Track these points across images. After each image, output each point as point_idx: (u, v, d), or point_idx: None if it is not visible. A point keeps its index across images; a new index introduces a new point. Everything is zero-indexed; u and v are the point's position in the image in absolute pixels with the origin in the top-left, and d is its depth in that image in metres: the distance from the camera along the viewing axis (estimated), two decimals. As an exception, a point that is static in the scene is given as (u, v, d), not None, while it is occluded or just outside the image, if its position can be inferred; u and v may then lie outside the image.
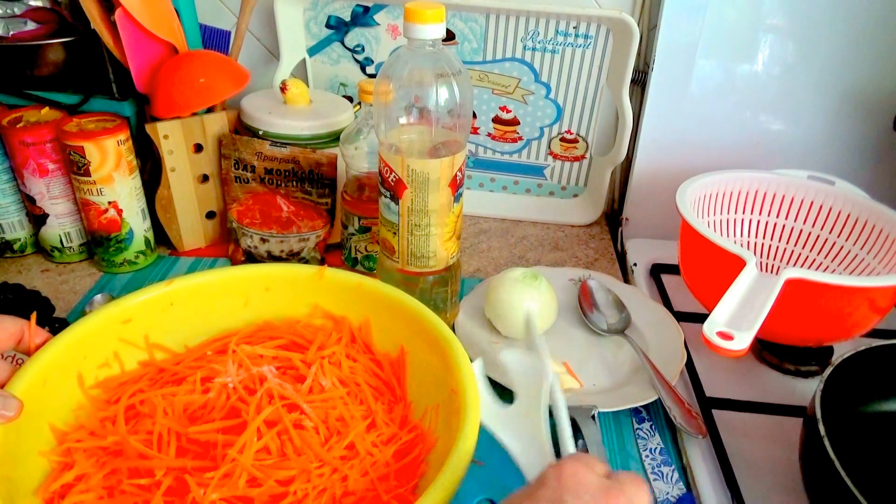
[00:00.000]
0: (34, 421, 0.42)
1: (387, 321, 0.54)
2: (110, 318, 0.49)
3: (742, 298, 0.51)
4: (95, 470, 0.43)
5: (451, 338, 0.49)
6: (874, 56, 0.74)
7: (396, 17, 0.82)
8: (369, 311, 0.55)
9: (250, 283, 0.55)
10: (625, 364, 0.63)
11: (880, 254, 0.65)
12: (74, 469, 0.42)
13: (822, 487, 0.45)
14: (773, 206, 0.72)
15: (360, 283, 0.55)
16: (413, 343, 0.52)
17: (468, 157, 0.90)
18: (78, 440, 0.44)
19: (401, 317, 0.53)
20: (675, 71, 0.78)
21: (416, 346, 0.52)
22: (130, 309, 0.50)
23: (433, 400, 0.48)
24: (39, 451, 0.43)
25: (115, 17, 0.66)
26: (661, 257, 0.79)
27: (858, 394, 0.52)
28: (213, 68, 0.72)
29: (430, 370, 0.50)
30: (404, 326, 0.53)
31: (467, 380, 0.44)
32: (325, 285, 0.56)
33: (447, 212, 0.58)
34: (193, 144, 0.73)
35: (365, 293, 0.55)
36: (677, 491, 0.52)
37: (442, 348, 0.48)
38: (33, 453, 0.42)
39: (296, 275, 0.56)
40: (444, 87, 0.53)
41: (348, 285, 0.55)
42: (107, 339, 0.49)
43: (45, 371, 0.44)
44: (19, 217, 0.74)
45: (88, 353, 0.48)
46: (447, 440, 0.43)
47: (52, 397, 0.45)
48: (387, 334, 0.54)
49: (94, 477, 0.42)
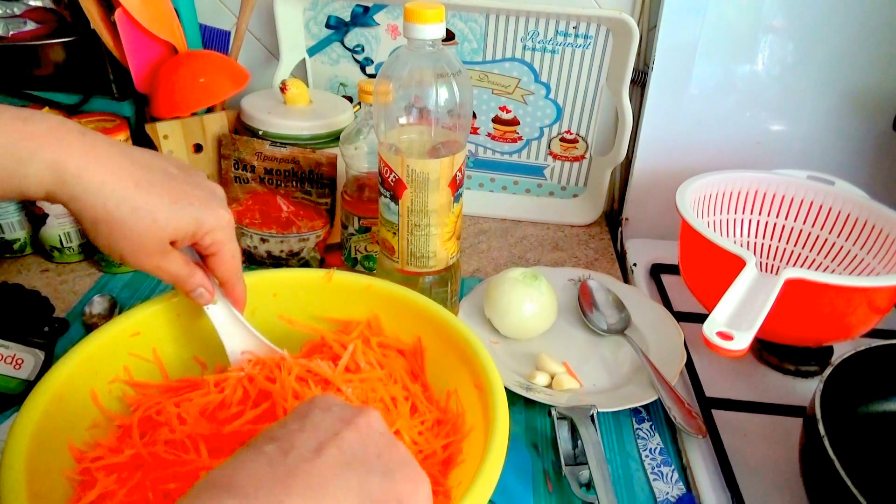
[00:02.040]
0: (54, 440, 0.42)
1: (398, 319, 0.54)
2: (119, 333, 0.48)
3: (742, 298, 0.51)
4: (118, 486, 0.42)
5: (467, 332, 0.49)
6: (874, 56, 0.74)
7: (396, 17, 0.82)
8: (380, 310, 0.54)
9: (257, 290, 0.53)
10: (624, 364, 0.63)
11: (880, 254, 0.65)
12: (96, 488, 0.41)
13: (822, 487, 0.44)
14: (773, 206, 0.72)
15: (369, 284, 0.55)
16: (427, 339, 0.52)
17: (468, 157, 0.90)
18: (95, 458, 0.43)
19: (411, 314, 0.53)
20: (675, 71, 0.78)
21: (430, 341, 0.52)
22: (138, 322, 0.50)
23: (452, 385, 0.49)
24: (61, 469, 0.42)
25: (115, 17, 0.66)
26: (661, 257, 0.79)
27: (858, 394, 0.52)
28: (213, 68, 0.72)
29: (446, 364, 0.50)
30: (416, 323, 0.52)
31: (492, 374, 0.45)
32: (333, 288, 0.55)
33: (447, 212, 0.58)
34: (193, 144, 0.73)
35: (374, 294, 0.54)
36: (677, 491, 0.52)
37: (457, 342, 0.49)
38: (55, 472, 0.41)
39: (303, 279, 0.56)
40: (443, 87, 0.53)
41: (357, 287, 0.55)
42: (117, 354, 0.48)
43: (60, 389, 0.43)
44: (19, 217, 0.74)
45: (99, 369, 0.47)
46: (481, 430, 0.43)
47: (69, 415, 0.44)
48: (399, 331, 0.54)
49: (118, 493, 0.41)
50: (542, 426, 0.57)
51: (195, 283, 0.46)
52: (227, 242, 0.46)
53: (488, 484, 0.37)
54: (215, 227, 0.44)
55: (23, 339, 0.56)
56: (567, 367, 0.62)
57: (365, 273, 0.70)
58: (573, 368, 0.62)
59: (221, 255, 0.46)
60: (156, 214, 0.41)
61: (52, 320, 0.63)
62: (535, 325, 0.65)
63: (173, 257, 0.44)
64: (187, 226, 0.42)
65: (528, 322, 0.64)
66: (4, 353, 0.54)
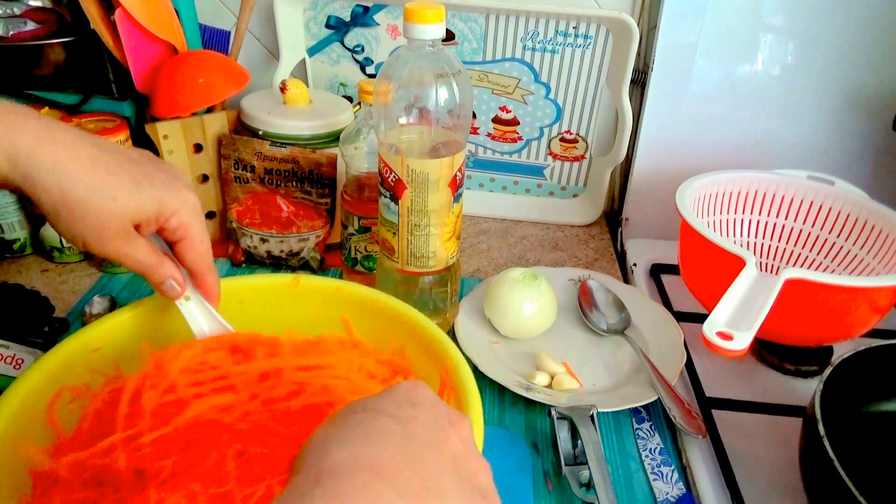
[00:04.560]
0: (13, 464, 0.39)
1: (370, 322, 0.52)
2: (78, 348, 0.46)
3: (742, 298, 0.51)
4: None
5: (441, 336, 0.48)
6: (874, 56, 0.74)
7: (396, 17, 0.82)
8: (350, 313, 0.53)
9: (224, 298, 0.49)
10: (624, 364, 0.63)
11: (880, 254, 0.65)
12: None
13: (822, 487, 0.44)
14: (773, 206, 0.72)
15: (338, 287, 0.53)
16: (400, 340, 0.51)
17: (468, 157, 0.90)
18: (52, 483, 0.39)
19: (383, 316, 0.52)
20: (675, 71, 0.78)
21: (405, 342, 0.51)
22: (98, 338, 0.47)
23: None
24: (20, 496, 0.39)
25: (115, 17, 0.66)
26: (661, 257, 0.79)
27: (858, 394, 0.52)
28: (212, 68, 0.72)
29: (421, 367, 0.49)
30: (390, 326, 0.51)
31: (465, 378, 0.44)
32: (301, 293, 0.53)
33: (447, 212, 0.58)
34: (193, 144, 0.73)
35: (344, 297, 0.53)
36: (677, 491, 0.52)
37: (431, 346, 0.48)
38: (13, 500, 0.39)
39: (270, 285, 0.54)
40: (443, 87, 0.53)
41: (327, 291, 0.53)
42: (77, 370, 0.45)
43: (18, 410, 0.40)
44: (18, 217, 0.74)
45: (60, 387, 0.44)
46: None
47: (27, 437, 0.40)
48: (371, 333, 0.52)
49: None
50: (542, 426, 0.57)
51: (164, 273, 0.44)
52: (194, 226, 0.44)
53: None
54: (180, 209, 0.42)
55: (23, 339, 0.56)
56: (567, 367, 0.62)
57: (365, 273, 0.70)
58: (573, 368, 0.62)
59: (189, 239, 0.44)
60: (114, 193, 0.39)
61: (52, 320, 0.64)
62: (535, 325, 0.65)
63: (139, 244, 0.42)
64: (149, 207, 0.41)
65: (528, 322, 0.64)
66: (4, 353, 0.54)
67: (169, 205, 0.42)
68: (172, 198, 0.42)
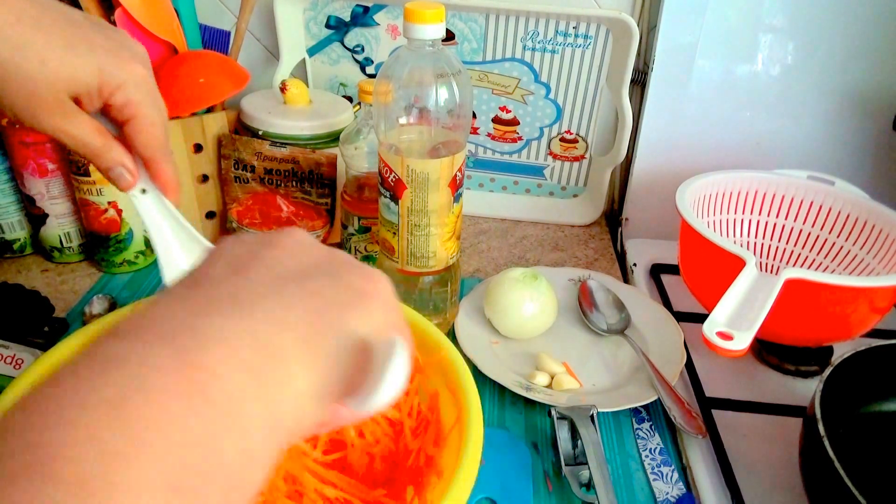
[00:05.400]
0: None
1: None
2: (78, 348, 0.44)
3: (742, 298, 0.51)
4: None
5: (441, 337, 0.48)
6: (874, 56, 0.74)
7: (396, 17, 0.82)
8: None
9: None
10: (624, 364, 0.63)
11: (880, 254, 0.65)
12: None
13: (822, 487, 0.44)
14: (773, 206, 0.72)
15: None
16: None
17: (468, 157, 0.90)
18: None
19: None
20: (675, 71, 0.78)
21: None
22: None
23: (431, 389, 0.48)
24: None
25: (115, 17, 0.66)
26: (661, 257, 0.79)
27: (858, 394, 0.52)
28: (212, 68, 0.72)
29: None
30: None
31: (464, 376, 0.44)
32: None
33: (447, 212, 0.58)
34: (193, 144, 0.73)
35: None
36: (677, 491, 0.52)
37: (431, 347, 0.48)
38: None
39: None
40: (443, 87, 0.53)
41: None
42: None
43: None
44: (18, 217, 0.74)
45: None
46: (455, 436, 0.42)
47: None
48: None
49: None
50: (542, 426, 0.57)
51: (113, 157, 0.39)
52: (143, 104, 0.38)
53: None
54: (126, 82, 0.37)
55: (23, 339, 0.56)
56: (567, 367, 0.62)
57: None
58: (573, 368, 0.62)
59: (138, 120, 0.39)
60: (44, 56, 0.34)
61: (52, 320, 0.64)
62: (535, 325, 0.65)
63: (80, 120, 0.37)
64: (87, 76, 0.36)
65: (528, 322, 0.64)
66: (4, 353, 0.54)
67: (113, 75, 0.36)
68: (117, 68, 0.36)
